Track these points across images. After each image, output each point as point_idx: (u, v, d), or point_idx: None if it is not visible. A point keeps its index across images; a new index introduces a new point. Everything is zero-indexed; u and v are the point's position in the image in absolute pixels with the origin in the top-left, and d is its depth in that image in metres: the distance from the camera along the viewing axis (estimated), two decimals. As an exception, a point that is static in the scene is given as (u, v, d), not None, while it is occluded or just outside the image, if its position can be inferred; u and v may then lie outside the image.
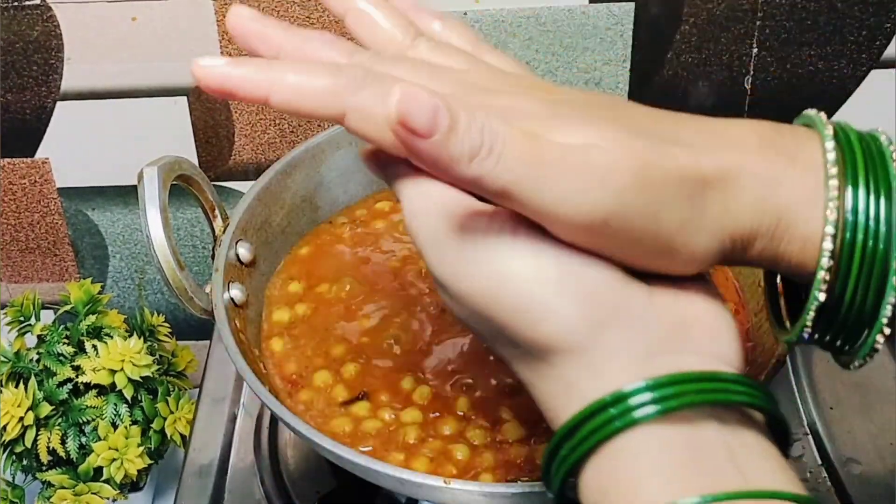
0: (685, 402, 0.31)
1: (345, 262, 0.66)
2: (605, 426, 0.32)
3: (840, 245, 0.33)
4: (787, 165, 0.33)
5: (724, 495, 0.30)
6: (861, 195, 0.32)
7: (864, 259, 0.33)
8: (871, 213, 0.32)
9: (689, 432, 0.32)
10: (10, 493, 0.79)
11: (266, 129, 0.83)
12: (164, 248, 0.55)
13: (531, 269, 0.33)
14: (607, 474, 0.32)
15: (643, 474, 0.31)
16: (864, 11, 0.76)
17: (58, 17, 0.78)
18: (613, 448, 0.32)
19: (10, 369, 0.77)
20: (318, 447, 0.51)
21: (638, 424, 0.31)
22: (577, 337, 0.33)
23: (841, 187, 0.33)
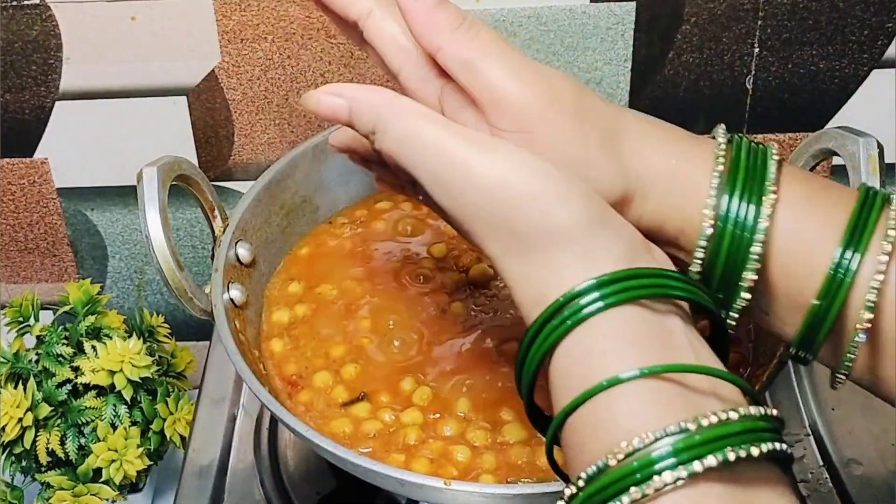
0: (629, 297, 0.37)
1: (345, 263, 0.66)
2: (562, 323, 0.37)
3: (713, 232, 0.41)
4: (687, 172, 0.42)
5: (660, 368, 0.35)
6: (735, 202, 0.40)
7: (733, 240, 0.40)
8: (741, 214, 0.40)
9: (630, 321, 0.37)
10: (9, 494, 0.79)
11: (266, 129, 0.83)
12: (164, 248, 0.55)
13: (539, 165, 0.39)
14: (567, 357, 0.37)
15: (594, 354, 0.36)
16: (866, 11, 0.76)
17: (57, 17, 0.78)
18: (574, 337, 0.37)
19: (9, 370, 0.77)
20: (317, 448, 0.51)
21: (592, 316, 0.36)
22: (577, 229, 0.38)
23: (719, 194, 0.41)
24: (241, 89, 0.81)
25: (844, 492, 0.64)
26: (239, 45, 0.79)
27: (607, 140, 0.41)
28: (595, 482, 0.35)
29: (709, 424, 0.34)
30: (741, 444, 0.34)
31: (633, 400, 0.35)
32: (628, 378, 0.35)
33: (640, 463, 0.34)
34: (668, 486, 0.33)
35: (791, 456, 0.37)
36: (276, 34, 0.79)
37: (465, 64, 0.40)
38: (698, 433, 0.34)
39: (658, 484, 0.33)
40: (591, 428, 0.36)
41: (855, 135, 0.53)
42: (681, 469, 0.33)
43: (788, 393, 0.70)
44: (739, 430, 0.35)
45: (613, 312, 0.36)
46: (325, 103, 0.43)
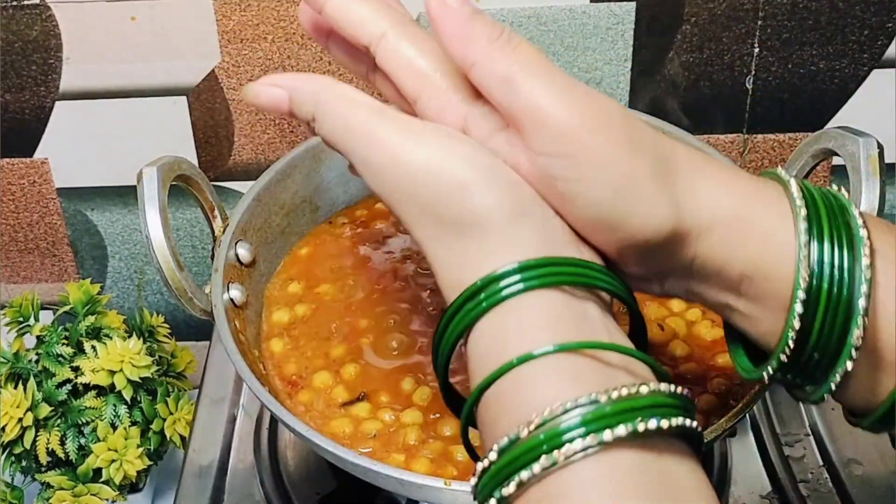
0: (547, 282, 0.37)
1: (345, 263, 0.66)
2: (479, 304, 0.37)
3: (806, 303, 0.38)
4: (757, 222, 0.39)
5: (573, 344, 0.35)
6: (826, 248, 0.38)
7: (829, 304, 0.38)
8: (835, 264, 0.37)
9: (549, 304, 0.37)
10: (9, 494, 0.79)
11: (266, 129, 0.83)
12: (164, 248, 0.55)
13: (469, 152, 0.38)
14: (485, 337, 0.37)
15: (511, 334, 0.36)
16: (866, 11, 0.76)
17: (57, 17, 0.78)
18: (492, 316, 0.37)
19: (9, 370, 0.77)
20: (317, 448, 0.51)
21: (509, 298, 0.37)
22: (501, 216, 0.38)
23: (809, 243, 0.38)
24: (241, 89, 0.81)
25: (844, 492, 0.64)
26: (239, 45, 0.79)
27: (659, 172, 0.38)
28: (506, 455, 0.35)
29: (618, 397, 0.34)
30: (651, 416, 0.34)
31: (545, 375, 0.35)
32: (541, 354, 0.35)
33: (549, 434, 0.34)
34: (577, 454, 0.34)
35: (700, 435, 0.36)
36: (276, 34, 0.79)
37: (503, 81, 0.38)
38: (608, 404, 0.34)
39: (567, 452, 0.34)
40: (504, 403, 0.36)
41: (855, 135, 0.53)
42: (590, 438, 0.34)
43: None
44: (649, 403, 0.35)
45: (531, 295, 0.37)
46: (265, 95, 0.43)
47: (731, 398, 0.56)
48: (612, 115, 0.38)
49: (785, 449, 0.67)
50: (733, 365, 0.57)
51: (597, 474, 0.34)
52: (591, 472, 0.34)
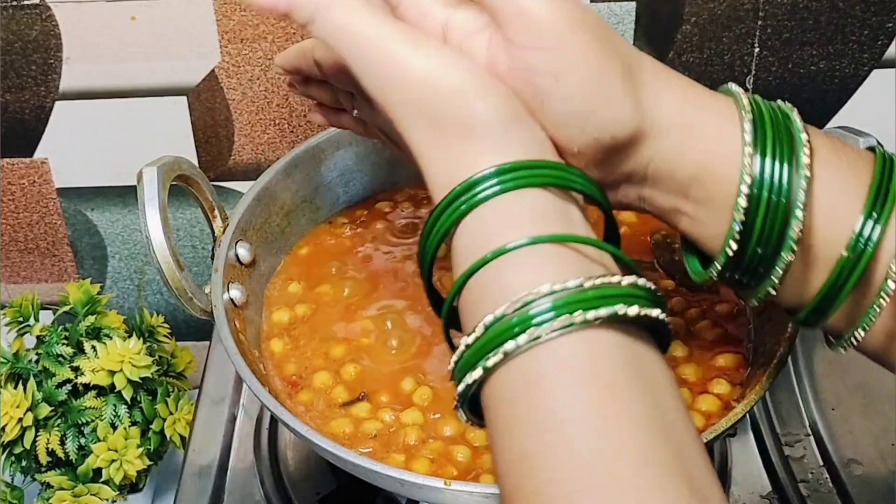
0: (525, 183, 0.39)
1: (345, 263, 0.66)
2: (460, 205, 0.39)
3: (749, 199, 0.41)
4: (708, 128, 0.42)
5: (548, 237, 0.37)
6: (769, 147, 0.41)
7: (771, 199, 0.41)
8: (776, 165, 0.41)
9: (530, 203, 0.39)
10: (9, 494, 0.79)
11: (266, 129, 0.83)
12: (164, 248, 0.55)
13: (468, 64, 0.41)
14: (468, 234, 0.39)
15: (489, 231, 0.38)
16: (866, 11, 0.76)
17: (57, 17, 0.78)
18: (475, 216, 0.39)
19: (9, 370, 0.77)
20: (318, 448, 0.51)
21: (487, 200, 0.38)
22: (495, 123, 0.40)
23: (754, 144, 0.41)
24: (241, 89, 0.81)
25: (844, 492, 0.64)
26: (239, 45, 0.79)
27: (627, 74, 0.42)
28: (480, 339, 0.37)
29: (592, 285, 0.36)
30: (625, 303, 0.36)
31: (521, 265, 0.37)
32: (515, 246, 0.37)
33: (521, 317, 0.36)
34: (547, 335, 0.35)
35: (670, 334, 0.39)
36: (276, 34, 0.79)
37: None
38: (581, 290, 0.36)
39: (534, 333, 0.35)
40: (482, 294, 0.38)
41: (855, 135, 0.53)
42: (561, 320, 0.35)
43: (788, 393, 0.70)
44: (624, 293, 0.37)
45: (509, 196, 0.38)
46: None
47: (732, 398, 0.56)
48: (588, 18, 0.42)
49: (785, 449, 0.67)
50: (729, 362, 0.58)
51: (569, 355, 0.36)
52: (563, 352, 0.36)
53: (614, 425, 0.34)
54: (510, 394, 0.36)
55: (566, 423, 0.35)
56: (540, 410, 0.35)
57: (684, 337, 0.60)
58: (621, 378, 0.35)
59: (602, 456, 0.34)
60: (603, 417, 0.34)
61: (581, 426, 0.34)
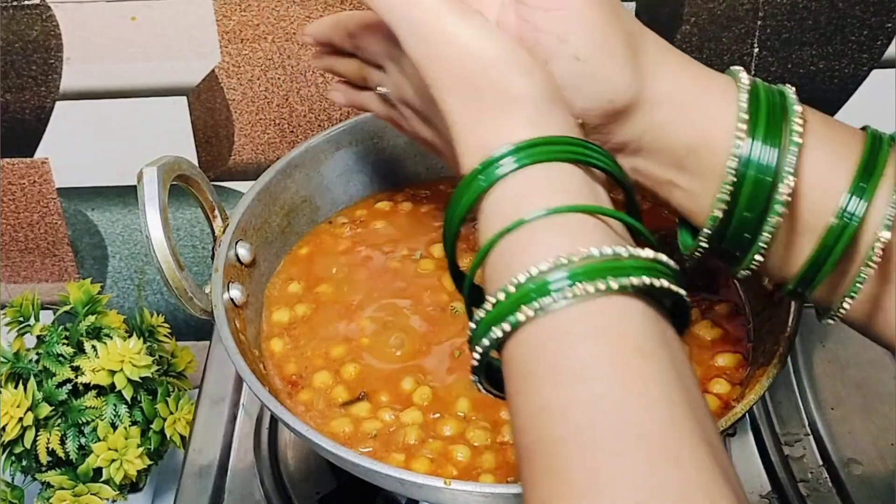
0: (547, 157, 0.39)
1: (345, 263, 0.66)
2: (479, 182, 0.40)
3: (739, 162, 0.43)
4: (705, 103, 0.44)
5: (565, 207, 0.38)
6: (760, 131, 0.43)
7: (760, 173, 0.43)
8: (768, 145, 0.43)
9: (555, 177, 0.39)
10: (9, 493, 0.79)
11: (266, 129, 0.83)
12: (164, 248, 0.55)
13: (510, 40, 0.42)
14: (493, 207, 0.39)
15: (508, 205, 0.39)
16: (866, 11, 0.76)
17: (57, 17, 0.78)
18: (499, 189, 0.39)
19: (9, 370, 0.77)
20: (318, 448, 0.51)
21: (506, 176, 0.39)
22: (534, 98, 0.41)
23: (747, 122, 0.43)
24: (241, 89, 0.81)
25: (844, 492, 0.64)
26: (239, 45, 0.79)
27: (630, 43, 0.44)
28: (498, 305, 0.37)
29: (622, 254, 0.36)
30: (649, 275, 0.36)
31: (540, 236, 0.38)
32: (533, 218, 0.38)
33: (538, 283, 0.36)
34: (562, 300, 0.35)
35: (689, 311, 0.39)
36: (276, 34, 0.79)
37: None
38: (603, 260, 0.36)
39: (556, 297, 0.35)
40: (502, 265, 0.38)
41: (854, 135, 0.53)
42: (577, 287, 0.35)
43: (788, 393, 0.70)
44: (649, 266, 0.37)
45: (537, 169, 0.39)
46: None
47: (731, 398, 0.56)
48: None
49: (785, 449, 0.67)
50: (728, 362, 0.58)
51: (598, 316, 0.36)
52: (592, 313, 0.36)
53: (642, 384, 0.34)
54: (535, 349, 0.36)
55: (594, 377, 0.35)
56: (567, 365, 0.35)
57: (684, 337, 0.60)
58: (648, 344, 0.36)
59: (631, 411, 0.34)
60: (632, 376, 0.35)
61: (609, 381, 0.34)
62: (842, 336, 0.74)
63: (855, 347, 0.73)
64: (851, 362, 0.73)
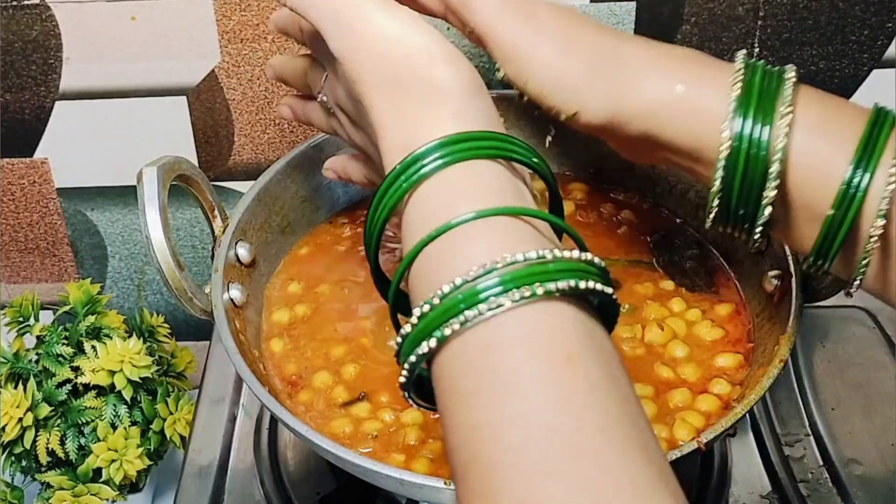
0: (469, 156, 0.39)
1: (345, 263, 0.66)
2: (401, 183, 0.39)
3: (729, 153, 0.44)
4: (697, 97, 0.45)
5: (492, 210, 0.37)
6: (749, 123, 0.44)
7: (749, 160, 0.44)
8: (755, 134, 0.44)
9: (479, 175, 0.39)
10: (8, 494, 0.79)
11: (266, 129, 0.83)
12: (164, 248, 0.55)
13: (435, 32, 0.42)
14: (416, 210, 0.39)
15: (434, 207, 0.38)
16: (866, 11, 0.76)
17: (57, 17, 0.78)
18: (423, 190, 0.39)
19: (9, 370, 0.77)
20: (317, 448, 0.51)
21: (435, 173, 0.38)
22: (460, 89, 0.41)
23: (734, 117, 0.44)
24: (241, 89, 0.81)
25: (844, 492, 0.64)
26: (239, 45, 0.79)
27: (596, 66, 0.45)
28: (425, 317, 0.36)
29: (549, 258, 0.36)
30: (577, 277, 0.36)
31: (468, 241, 0.37)
32: (462, 221, 0.37)
33: (467, 293, 0.35)
34: (503, 307, 0.35)
35: (618, 309, 0.38)
36: (276, 34, 0.78)
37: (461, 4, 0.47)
38: (536, 263, 0.36)
39: (488, 306, 0.35)
40: (429, 273, 0.38)
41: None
42: (507, 295, 0.35)
43: (788, 393, 0.70)
44: (576, 267, 0.36)
45: (461, 167, 0.39)
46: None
47: (732, 398, 0.56)
48: (545, 23, 0.45)
49: (785, 449, 0.67)
50: (729, 363, 0.58)
51: (526, 326, 0.35)
52: (519, 323, 0.35)
53: (575, 395, 0.34)
54: (464, 365, 0.36)
55: (526, 393, 0.34)
56: (497, 380, 0.35)
57: (684, 337, 0.60)
58: (578, 349, 0.35)
59: (563, 425, 0.33)
60: (562, 387, 0.34)
61: (541, 396, 0.34)
62: (842, 336, 0.74)
63: (855, 347, 0.73)
64: (852, 362, 0.72)
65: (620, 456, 0.33)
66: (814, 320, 0.47)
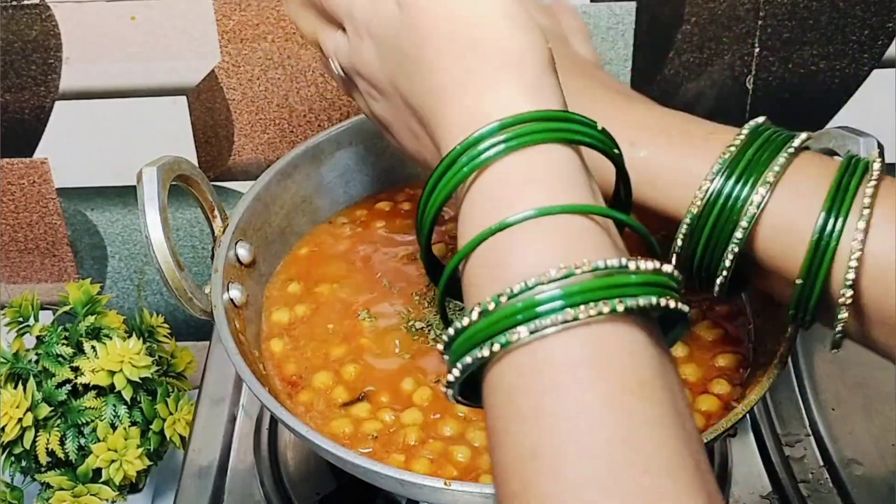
0: (535, 140, 0.35)
1: (345, 263, 0.66)
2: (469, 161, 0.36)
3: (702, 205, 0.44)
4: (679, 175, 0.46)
5: (558, 208, 0.34)
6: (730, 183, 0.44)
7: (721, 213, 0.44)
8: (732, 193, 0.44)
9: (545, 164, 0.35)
10: (8, 494, 0.79)
11: (266, 129, 0.83)
12: (164, 248, 0.55)
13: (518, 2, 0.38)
14: (474, 198, 0.36)
15: (495, 191, 0.35)
16: (866, 11, 0.76)
17: (56, 17, 0.78)
18: (485, 176, 0.35)
19: (8, 370, 0.77)
20: (317, 449, 0.51)
21: (497, 158, 0.35)
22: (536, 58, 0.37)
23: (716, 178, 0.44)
24: (241, 89, 0.81)
25: (845, 492, 0.64)
26: (239, 45, 0.79)
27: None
28: (484, 318, 0.33)
29: (619, 268, 0.33)
30: (646, 294, 0.33)
31: (528, 240, 0.34)
32: (521, 219, 0.34)
33: (527, 303, 0.32)
34: (551, 328, 0.32)
35: (687, 316, 0.35)
36: (276, 34, 0.79)
37: None
38: (599, 277, 0.33)
39: (543, 322, 0.32)
40: (487, 269, 0.35)
41: (855, 135, 0.53)
42: (565, 313, 0.32)
43: (788, 393, 0.70)
44: (645, 280, 0.33)
45: (526, 153, 0.35)
46: None
47: (732, 398, 0.56)
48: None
49: (785, 449, 0.67)
50: (729, 363, 0.58)
51: (587, 347, 0.32)
52: (579, 344, 0.32)
53: (643, 430, 0.31)
54: (522, 382, 0.33)
55: (590, 423, 0.31)
56: (559, 406, 0.32)
57: (685, 339, 0.60)
58: (650, 377, 0.32)
59: (631, 466, 0.31)
60: (630, 422, 0.31)
61: (607, 428, 0.31)
62: (842, 336, 0.74)
63: (856, 348, 0.73)
64: (852, 363, 0.72)
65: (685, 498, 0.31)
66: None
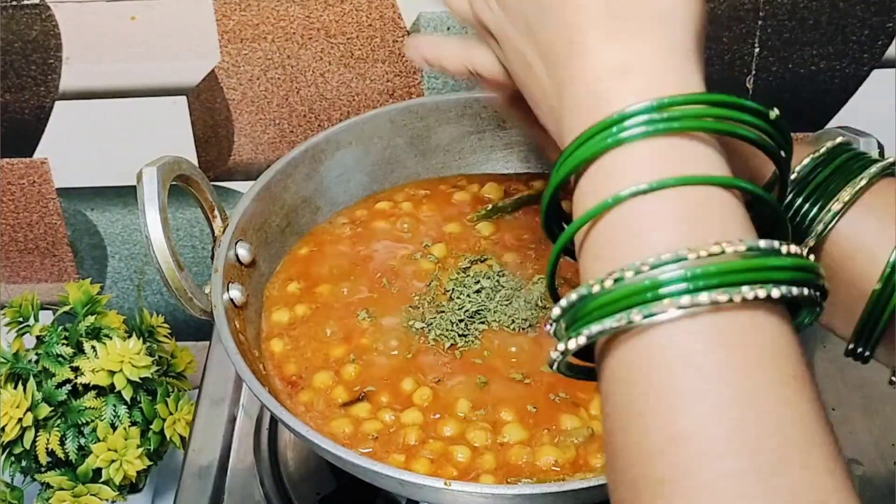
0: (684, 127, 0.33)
1: (344, 263, 0.66)
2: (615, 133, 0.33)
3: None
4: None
5: (674, 180, 0.32)
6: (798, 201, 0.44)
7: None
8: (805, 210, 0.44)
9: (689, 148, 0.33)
10: (8, 494, 0.79)
11: (266, 129, 0.83)
12: (164, 248, 0.55)
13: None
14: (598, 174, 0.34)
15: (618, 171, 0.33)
16: (867, 11, 0.76)
17: (56, 17, 0.78)
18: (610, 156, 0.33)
19: (8, 370, 0.77)
20: (318, 448, 0.51)
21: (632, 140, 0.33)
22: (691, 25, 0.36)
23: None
24: (241, 89, 0.81)
25: (845, 492, 0.64)
26: (239, 45, 0.79)
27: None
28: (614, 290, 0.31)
29: (771, 250, 0.30)
30: (793, 282, 0.30)
31: (646, 215, 0.32)
32: (629, 195, 0.32)
33: (652, 282, 0.30)
34: (674, 311, 0.30)
35: (820, 302, 0.32)
36: (276, 34, 0.78)
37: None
38: (756, 257, 0.30)
39: (664, 307, 0.30)
40: (606, 242, 0.33)
41: (855, 135, 0.53)
42: (687, 298, 0.30)
43: (789, 393, 0.70)
44: (793, 265, 0.31)
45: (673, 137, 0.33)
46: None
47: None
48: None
49: (785, 449, 0.67)
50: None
51: (725, 335, 0.30)
52: (718, 331, 0.30)
53: (799, 426, 0.29)
54: (645, 369, 0.31)
55: (742, 417, 0.29)
56: (705, 393, 0.29)
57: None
58: (799, 370, 0.30)
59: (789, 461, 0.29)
60: (786, 415, 0.29)
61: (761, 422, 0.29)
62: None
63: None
64: (852, 363, 0.72)
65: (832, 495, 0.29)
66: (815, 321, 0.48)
